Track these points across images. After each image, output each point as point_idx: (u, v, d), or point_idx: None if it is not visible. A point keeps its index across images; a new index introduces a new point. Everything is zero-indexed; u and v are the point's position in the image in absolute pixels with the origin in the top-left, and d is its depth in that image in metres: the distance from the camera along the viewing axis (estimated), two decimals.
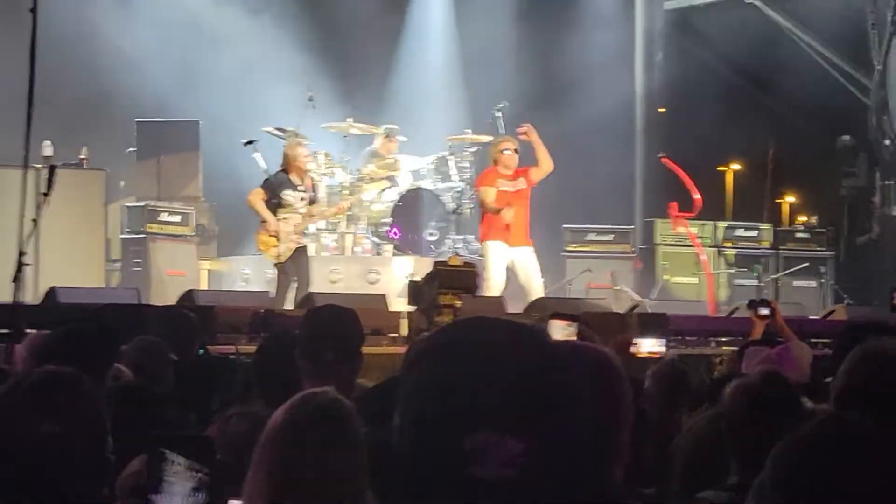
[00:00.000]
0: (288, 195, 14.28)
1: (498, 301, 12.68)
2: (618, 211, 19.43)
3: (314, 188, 14.73)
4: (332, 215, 15.25)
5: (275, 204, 14.22)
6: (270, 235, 14.24)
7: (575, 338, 7.35)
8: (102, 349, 5.85)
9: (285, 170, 14.41)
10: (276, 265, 14.30)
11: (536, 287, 14.06)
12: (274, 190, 14.30)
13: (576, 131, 19.72)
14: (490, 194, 14.12)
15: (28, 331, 8.27)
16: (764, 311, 8.52)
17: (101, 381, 5.31)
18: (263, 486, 3.46)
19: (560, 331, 7.54)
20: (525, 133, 14.38)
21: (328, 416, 3.50)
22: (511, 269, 14.24)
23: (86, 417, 3.45)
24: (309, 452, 3.43)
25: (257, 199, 14.31)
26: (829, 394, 5.45)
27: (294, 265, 14.25)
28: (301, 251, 14.40)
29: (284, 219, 14.25)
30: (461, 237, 16.92)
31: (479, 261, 14.23)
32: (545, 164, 14.37)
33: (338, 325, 5.35)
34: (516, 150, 14.31)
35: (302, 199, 14.39)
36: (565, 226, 18.56)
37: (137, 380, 5.84)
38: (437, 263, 10.38)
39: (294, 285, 14.16)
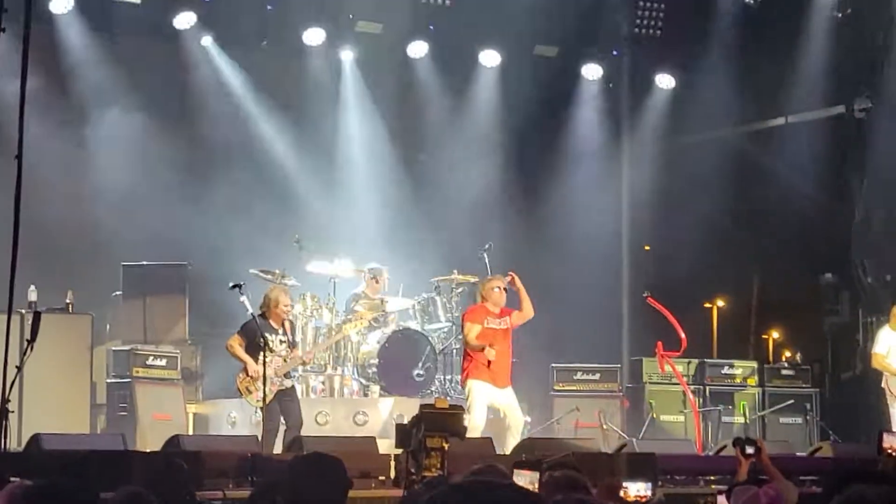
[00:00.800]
0: (268, 339, 14.24)
1: (487, 442, 12.67)
2: (605, 350, 19.44)
3: (292, 331, 14.75)
4: (309, 361, 15.22)
5: (255, 347, 14.19)
6: (252, 379, 14.25)
7: (537, 485, 7.37)
8: (82, 501, 5.79)
9: (264, 314, 14.45)
10: (260, 409, 14.25)
11: (519, 424, 14.13)
12: (252, 335, 14.29)
13: (562, 271, 19.84)
14: (474, 330, 14.18)
15: (12, 479, 8.20)
16: (749, 449, 8.54)
17: None
18: None
19: (523, 478, 7.54)
20: (511, 280, 14.49)
21: None
22: (495, 409, 14.27)
23: None
24: None
25: (236, 344, 14.39)
26: None
27: (280, 408, 14.19)
28: (286, 393, 14.35)
29: (267, 362, 14.26)
30: (449, 377, 16.92)
31: (462, 401, 14.24)
32: (527, 311, 14.54)
33: (322, 474, 5.31)
34: (504, 289, 14.41)
35: (282, 342, 14.45)
36: (553, 365, 18.56)
37: None
38: (422, 406, 10.35)
39: (282, 428, 14.11)
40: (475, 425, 13.80)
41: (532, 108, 20.62)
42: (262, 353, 13.85)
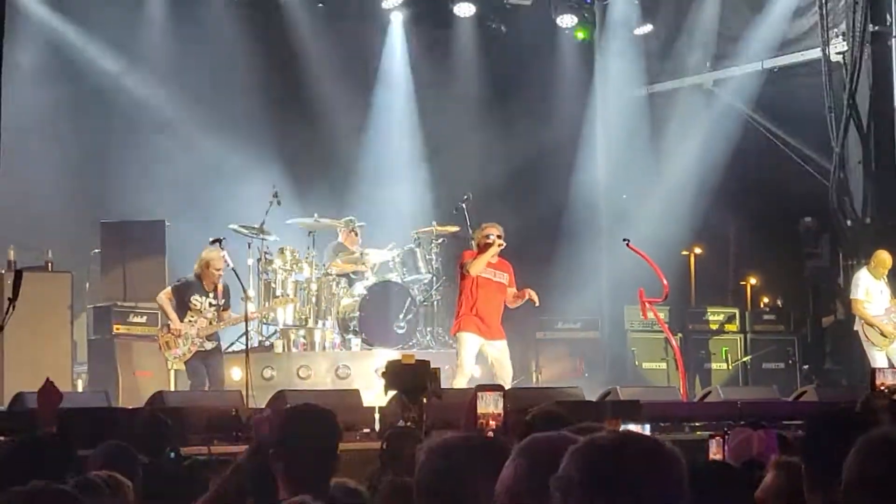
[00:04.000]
0: (195, 300, 14.69)
1: (472, 392, 12.63)
2: (586, 298, 19.46)
3: (225, 294, 14.89)
4: (236, 322, 15.08)
5: (183, 306, 14.69)
6: (173, 336, 14.66)
7: (503, 406, 7.39)
8: (60, 458, 5.78)
9: (198, 275, 14.75)
10: (176, 366, 14.77)
11: (508, 376, 14.05)
12: (182, 294, 14.75)
13: (541, 220, 19.82)
14: (477, 262, 14.06)
15: None
16: None
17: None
18: None
19: (492, 401, 7.56)
20: (531, 297, 14.38)
21: None
22: (484, 361, 14.26)
23: None
24: None
25: (165, 299, 14.85)
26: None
27: (203, 366, 14.61)
28: (207, 354, 14.70)
29: (190, 321, 14.64)
30: (430, 329, 16.92)
31: (452, 352, 14.28)
32: (511, 303, 14.50)
33: (315, 425, 5.27)
34: (500, 236, 14.24)
35: (211, 304, 14.73)
36: (535, 316, 18.58)
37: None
38: (389, 362, 10.34)
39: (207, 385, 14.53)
40: (465, 375, 13.82)
41: (508, 58, 20.58)
42: (187, 313, 14.57)
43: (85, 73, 18.48)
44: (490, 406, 7.85)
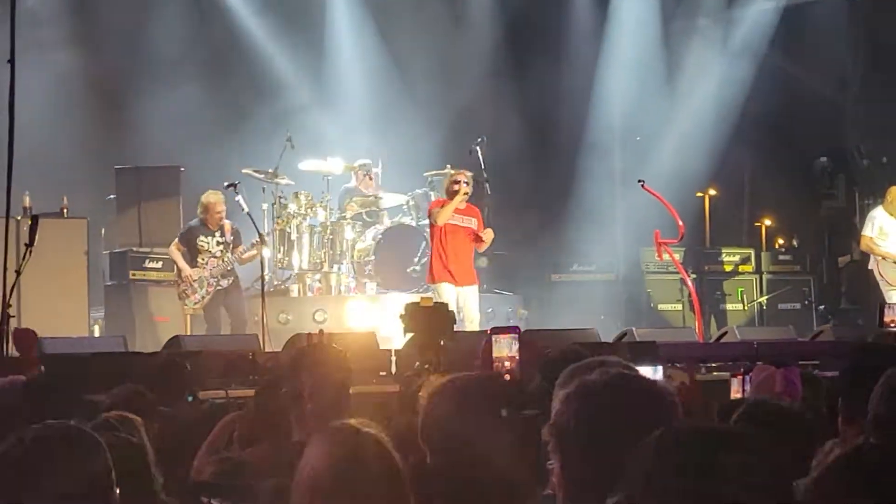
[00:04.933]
0: (202, 241, 14.96)
1: (482, 336, 12.63)
2: (602, 240, 19.42)
3: (234, 233, 15.15)
4: (250, 258, 15.18)
5: (194, 252, 14.97)
6: (187, 283, 14.91)
7: (517, 349, 7.39)
8: (65, 401, 5.80)
9: (202, 219, 15.05)
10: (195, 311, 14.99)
11: (473, 324, 14.16)
12: (189, 239, 15.05)
13: (555, 163, 19.77)
14: (443, 212, 14.20)
15: None
16: None
17: None
18: None
19: (507, 345, 7.57)
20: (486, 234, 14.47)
21: (369, 451, 3.48)
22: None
23: (90, 473, 3.42)
24: (364, 488, 3.40)
25: (175, 249, 15.12)
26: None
27: (222, 310, 14.94)
28: (227, 292, 14.99)
29: (201, 264, 14.92)
30: None
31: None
32: (481, 247, 14.70)
33: (325, 365, 5.27)
34: (468, 183, 14.35)
35: (218, 242, 14.97)
36: (551, 258, 18.58)
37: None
38: (407, 305, 10.34)
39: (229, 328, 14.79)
40: None
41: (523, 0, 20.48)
42: (198, 256, 14.87)
43: (100, 15, 18.41)
44: (504, 349, 7.84)
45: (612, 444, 2.77)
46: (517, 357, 7.84)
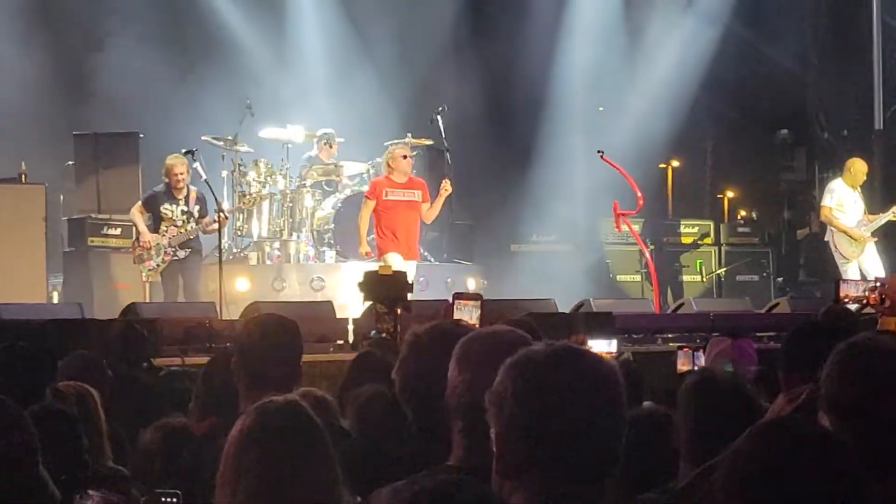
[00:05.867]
0: (165, 209, 14.70)
1: (445, 303, 12.65)
2: (561, 211, 19.44)
3: (199, 201, 14.83)
4: (214, 230, 14.65)
5: (156, 218, 14.71)
6: (143, 248, 14.70)
7: (479, 316, 7.41)
8: (41, 368, 5.80)
9: (167, 184, 14.78)
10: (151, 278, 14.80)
11: None
12: (153, 205, 14.79)
13: (516, 132, 19.77)
14: (364, 212, 14.33)
15: None
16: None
17: (41, 400, 5.27)
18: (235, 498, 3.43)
19: (467, 312, 7.58)
20: (444, 189, 14.33)
21: (295, 421, 3.48)
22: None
23: (13, 442, 3.41)
24: (284, 460, 3.41)
25: (136, 212, 14.89)
26: (780, 386, 5.49)
27: (179, 277, 14.69)
28: (183, 263, 14.75)
29: (163, 232, 14.70)
30: None
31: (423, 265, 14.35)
32: (429, 218, 14.54)
33: (276, 336, 5.25)
34: (405, 157, 14.29)
35: (183, 212, 14.70)
36: (510, 228, 18.60)
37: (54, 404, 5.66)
38: (366, 273, 10.36)
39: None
40: None
41: None
42: (161, 224, 14.63)
43: None
44: (465, 315, 7.86)
45: (549, 417, 2.76)
46: (478, 325, 7.87)
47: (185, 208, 14.74)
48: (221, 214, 14.34)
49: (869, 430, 3.19)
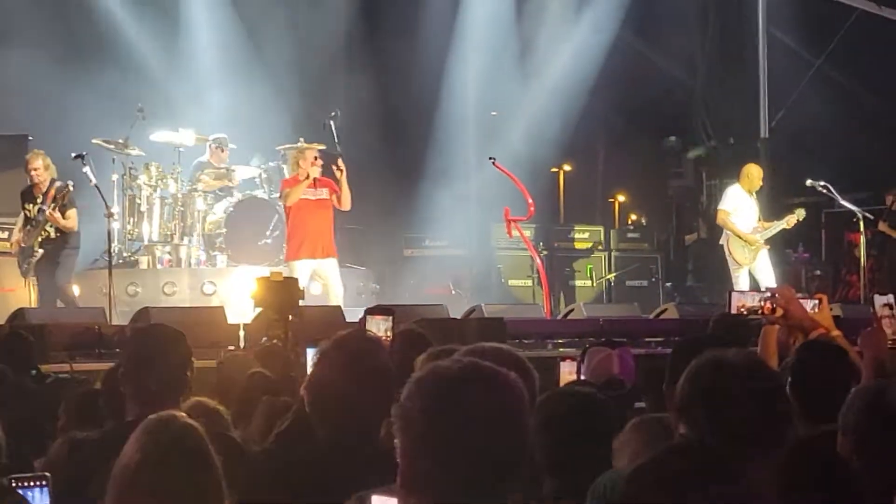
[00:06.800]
0: (27, 207, 14.38)
1: (336, 310, 12.68)
2: (454, 216, 19.51)
3: (58, 198, 14.17)
4: (63, 226, 14.26)
5: (25, 217, 14.35)
6: (13, 251, 14.47)
7: (390, 333, 7.43)
8: None
9: (29, 184, 14.43)
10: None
11: (337, 296, 14.17)
12: (22, 206, 14.43)
13: (409, 138, 19.81)
14: (292, 194, 14.23)
15: None
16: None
17: None
18: None
19: (376, 326, 7.59)
20: (339, 171, 14.37)
21: (183, 444, 3.48)
22: (314, 279, 14.39)
23: None
24: (171, 483, 3.41)
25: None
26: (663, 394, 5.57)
27: (43, 276, 14.26)
28: (40, 262, 14.25)
29: (29, 231, 14.32)
30: None
31: None
32: (345, 204, 14.56)
33: (163, 348, 5.22)
34: (317, 158, 14.37)
35: (40, 210, 14.22)
36: (403, 232, 18.64)
37: None
38: (257, 279, 10.34)
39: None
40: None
41: None
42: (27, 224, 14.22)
43: None
44: (374, 327, 7.83)
45: (456, 434, 2.79)
46: (389, 339, 7.86)
47: (43, 207, 14.19)
48: (108, 214, 14.11)
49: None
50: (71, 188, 14.26)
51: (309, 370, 4.40)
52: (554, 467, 4.49)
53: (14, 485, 3.83)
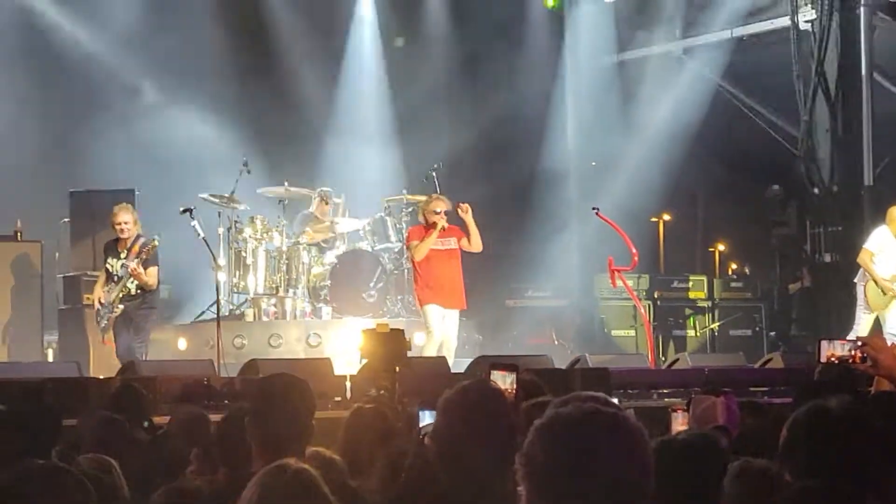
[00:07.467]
0: (109, 263, 14.18)
1: (442, 361, 12.74)
2: (557, 267, 19.53)
3: (146, 254, 13.88)
4: (146, 283, 14.02)
5: (107, 273, 14.16)
6: (95, 309, 14.22)
7: (515, 386, 7.43)
8: (45, 427, 5.81)
9: (115, 238, 14.27)
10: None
11: (450, 349, 14.15)
12: (104, 260, 14.28)
13: (511, 190, 19.87)
14: (421, 247, 14.21)
15: None
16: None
17: (48, 459, 5.28)
18: None
19: (501, 380, 7.61)
20: (464, 212, 14.42)
21: (301, 487, 3.53)
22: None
23: None
24: None
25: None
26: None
27: (120, 333, 13.98)
28: (118, 319, 14.02)
29: (108, 289, 14.15)
30: (401, 297, 16.95)
31: (421, 321, 14.40)
32: (475, 245, 14.57)
33: (290, 395, 5.32)
34: (446, 211, 14.39)
35: (123, 266, 14.02)
36: (506, 283, 18.68)
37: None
38: (363, 331, 10.41)
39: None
40: (435, 343, 13.97)
41: (478, 28, 20.59)
42: (109, 280, 14.02)
43: (53, 40, 18.42)
44: (503, 384, 7.82)
45: (578, 478, 2.83)
46: (513, 392, 7.86)
47: (126, 262, 14.01)
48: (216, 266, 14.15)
49: None
50: (157, 243, 14.01)
51: (421, 423, 4.47)
52: None
53: None
